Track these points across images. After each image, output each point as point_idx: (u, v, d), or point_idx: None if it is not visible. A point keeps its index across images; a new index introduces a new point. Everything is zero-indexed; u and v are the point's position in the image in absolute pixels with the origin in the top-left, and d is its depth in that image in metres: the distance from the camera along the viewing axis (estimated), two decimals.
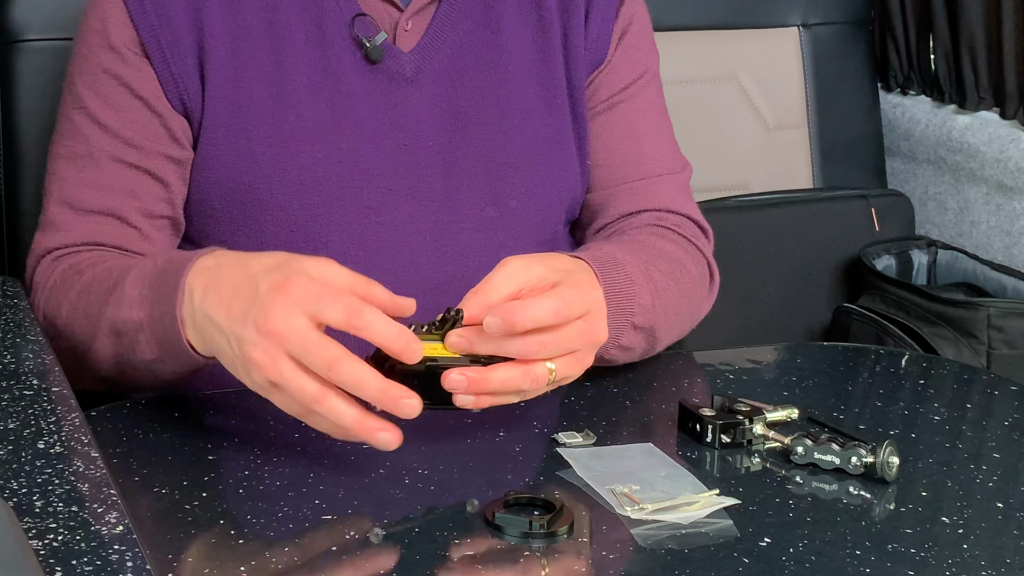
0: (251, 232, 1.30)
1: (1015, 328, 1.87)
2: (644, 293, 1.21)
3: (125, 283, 1.15)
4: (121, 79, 1.29)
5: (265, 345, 0.99)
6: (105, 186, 1.29)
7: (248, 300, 1.01)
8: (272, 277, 1.01)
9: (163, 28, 1.28)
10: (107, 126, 1.29)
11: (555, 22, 1.37)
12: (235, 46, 1.29)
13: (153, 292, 1.12)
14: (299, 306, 0.99)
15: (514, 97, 1.35)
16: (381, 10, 1.33)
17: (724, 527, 0.96)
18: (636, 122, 1.41)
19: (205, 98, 1.28)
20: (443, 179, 1.32)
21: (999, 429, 1.19)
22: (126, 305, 1.14)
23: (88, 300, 1.20)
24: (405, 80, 1.32)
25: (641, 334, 1.23)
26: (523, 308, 1.02)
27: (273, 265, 1.03)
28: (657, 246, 1.31)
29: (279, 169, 1.28)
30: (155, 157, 1.29)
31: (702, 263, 1.37)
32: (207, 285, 1.07)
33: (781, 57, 2.22)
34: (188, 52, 1.28)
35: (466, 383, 1.01)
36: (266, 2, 1.30)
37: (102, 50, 1.29)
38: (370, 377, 0.99)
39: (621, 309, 1.19)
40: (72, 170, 1.30)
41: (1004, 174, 2.04)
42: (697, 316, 1.36)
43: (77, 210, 1.29)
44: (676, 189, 1.41)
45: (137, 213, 1.30)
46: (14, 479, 0.83)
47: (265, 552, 0.92)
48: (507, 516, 0.94)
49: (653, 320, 1.23)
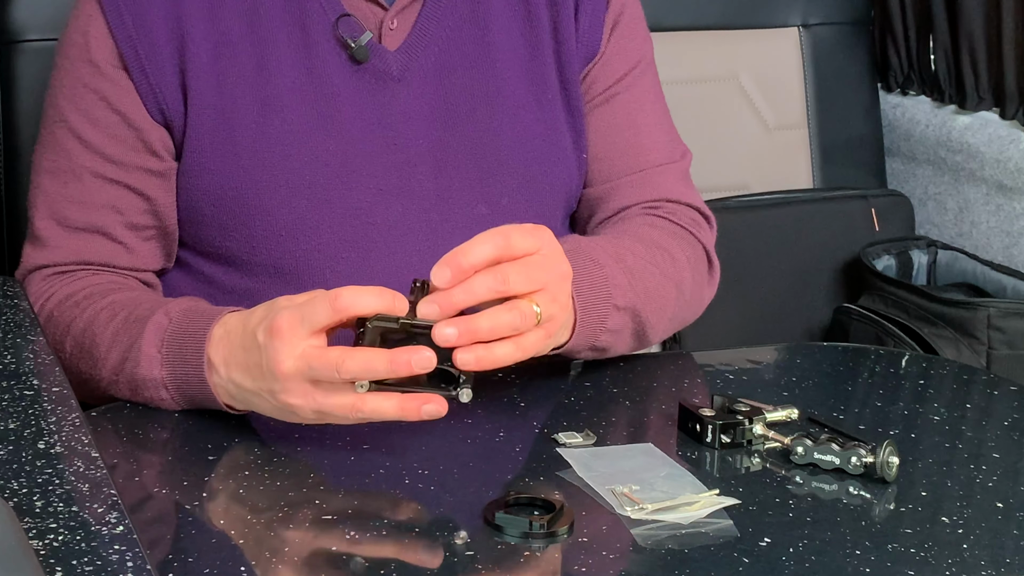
0: (241, 238, 1.29)
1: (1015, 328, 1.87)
2: (617, 273, 1.21)
3: (143, 341, 1.16)
4: (100, 93, 1.29)
5: (290, 386, 1.05)
6: (89, 202, 1.30)
7: (258, 355, 1.06)
8: (263, 324, 1.06)
9: (141, 39, 1.27)
10: (87, 141, 1.29)
11: (543, 16, 1.37)
12: (217, 52, 1.28)
13: (174, 354, 1.14)
14: (292, 336, 1.03)
15: (503, 93, 1.35)
16: (365, 9, 1.32)
17: (724, 527, 0.96)
18: (634, 113, 1.41)
19: (188, 107, 1.28)
20: (433, 178, 1.32)
21: (999, 429, 1.19)
22: (144, 364, 1.15)
23: (94, 342, 1.21)
24: (392, 79, 1.31)
25: (626, 315, 1.22)
26: (464, 246, 1.04)
27: (263, 313, 1.08)
28: (637, 233, 1.31)
29: (266, 174, 1.28)
30: (135, 172, 1.29)
31: (695, 247, 1.36)
32: (226, 357, 1.11)
33: (781, 57, 2.22)
34: (167, 62, 1.28)
35: (456, 333, 1.01)
36: (247, 7, 1.30)
37: (81, 63, 1.29)
38: (375, 357, 1.01)
39: (597, 292, 1.19)
40: (56, 185, 1.31)
41: (1004, 174, 2.04)
42: (697, 303, 1.36)
43: (64, 226, 1.30)
44: (676, 178, 1.41)
45: (122, 227, 1.30)
46: (14, 479, 0.84)
47: (265, 552, 0.92)
48: (507, 516, 0.94)
49: (635, 300, 1.22)
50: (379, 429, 1.05)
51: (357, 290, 1.03)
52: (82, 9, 1.30)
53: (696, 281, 1.34)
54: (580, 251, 1.20)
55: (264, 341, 1.05)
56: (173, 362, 1.14)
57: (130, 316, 1.20)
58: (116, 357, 1.18)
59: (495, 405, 1.16)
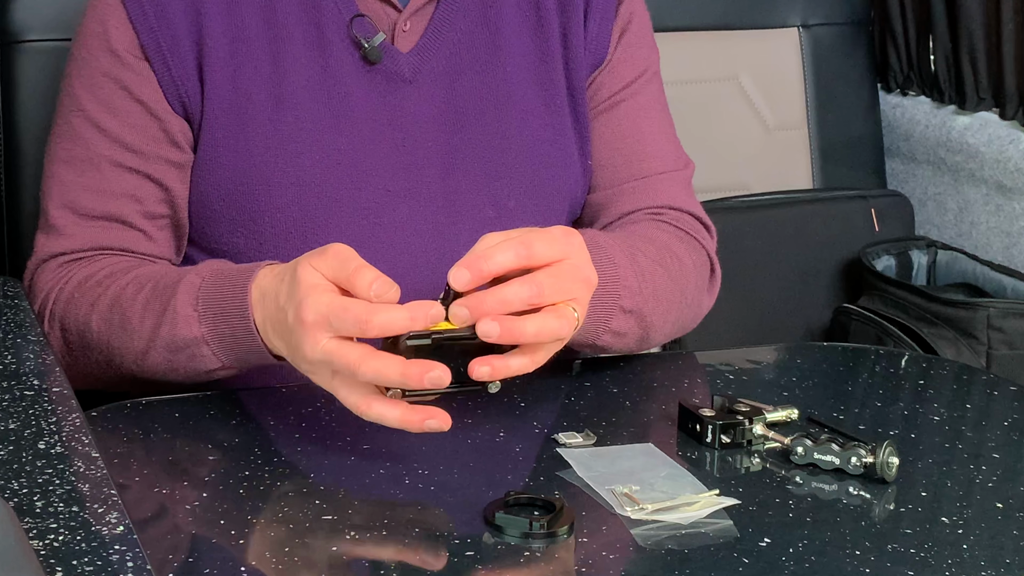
0: (250, 234, 1.30)
1: (1015, 328, 1.87)
2: (629, 275, 1.21)
3: (176, 302, 1.17)
4: (121, 82, 1.29)
5: (314, 369, 1.05)
6: (106, 191, 1.29)
7: (288, 332, 1.06)
8: (292, 305, 1.05)
9: (163, 30, 1.28)
10: (106, 130, 1.29)
11: (554, 22, 1.37)
12: (234, 48, 1.29)
13: (212, 310, 1.15)
14: (317, 329, 1.02)
15: (513, 97, 1.35)
16: (379, 11, 1.33)
17: (724, 527, 0.96)
18: (638, 121, 1.41)
19: (204, 100, 1.28)
20: (442, 180, 1.32)
21: (999, 429, 1.19)
22: (182, 323, 1.17)
23: (124, 315, 1.21)
24: (403, 81, 1.32)
25: (632, 318, 1.22)
26: (487, 252, 1.02)
27: (289, 289, 1.07)
28: (647, 234, 1.31)
29: (277, 171, 1.28)
30: (155, 161, 1.29)
31: (700, 254, 1.37)
32: (264, 318, 1.12)
33: (781, 58, 2.22)
34: (188, 54, 1.28)
35: (499, 329, 0.99)
36: (265, 3, 1.30)
37: (102, 53, 1.29)
38: (391, 364, 1.00)
39: (607, 291, 1.19)
40: (72, 174, 1.30)
41: (1004, 175, 2.04)
42: (696, 309, 1.36)
43: (79, 215, 1.30)
44: (679, 187, 1.41)
45: (140, 216, 1.30)
46: (15, 479, 0.84)
47: (265, 552, 0.92)
48: (507, 516, 0.94)
49: (642, 303, 1.22)
50: (380, 429, 1.05)
51: (389, 317, 1.00)
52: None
53: (698, 287, 1.35)
54: (597, 246, 1.19)
55: (293, 325, 1.05)
56: (213, 318, 1.15)
57: (158, 285, 1.21)
58: (150, 324, 1.18)
59: (495, 405, 1.16)
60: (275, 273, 1.12)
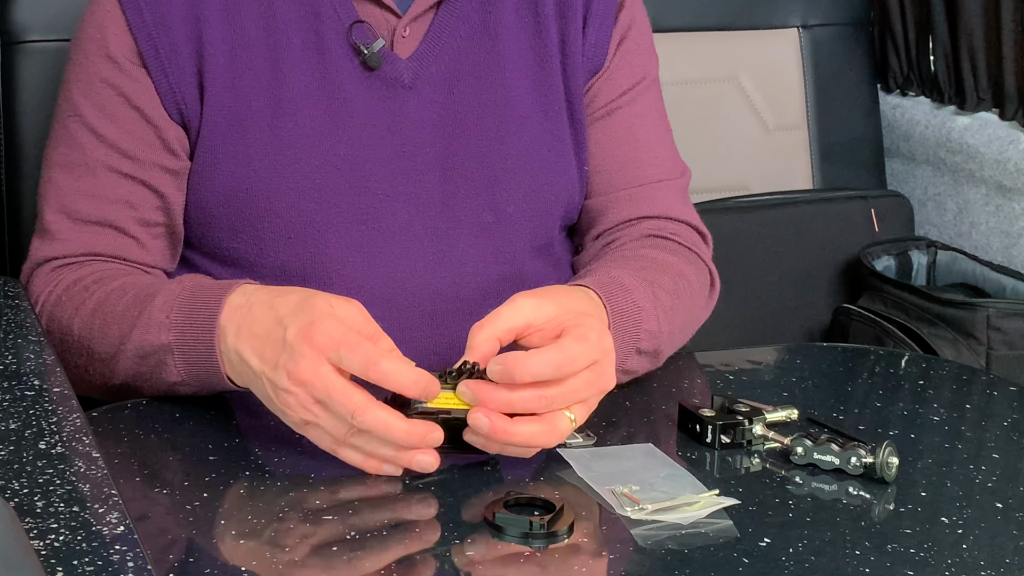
0: (249, 239, 1.29)
1: (1014, 328, 1.87)
2: (651, 319, 1.21)
3: (152, 308, 1.17)
4: (118, 89, 1.29)
5: (296, 392, 1.03)
6: (101, 196, 1.29)
7: (278, 346, 1.05)
8: (298, 322, 1.04)
9: (161, 37, 1.28)
10: (103, 136, 1.29)
11: (552, 28, 1.37)
12: (233, 54, 1.29)
13: (183, 319, 1.14)
14: (323, 353, 1.02)
15: (511, 103, 1.35)
16: (379, 17, 1.33)
17: (724, 527, 0.96)
18: (635, 128, 1.41)
19: (204, 107, 1.28)
20: (441, 185, 1.32)
21: (998, 430, 1.19)
22: (154, 329, 1.16)
23: (105, 320, 1.21)
24: (403, 87, 1.32)
25: (646, 358, 1.23)
26: (524, 361, 1.02)
27: (298, 307, 1.06)
28: (660, 260, 1.30)
29: (277, 177, 1.28)
30: (150, 168, 1.29)
31: (703, 271, 1.36)
32: (240, 326, 1.10)
33: (781, 58, 2.22)
34: (186, 61, 1.28)
35: (488, 425, 1.01)
36: (264, 10, 1.30)
37: (99, 59, 1.29)
38: (395, 420, 1.00)
39: (627, 335, 1.19)
40: (68, 179, 1.30)
41: (1003, 175, 2.04)
42: (698, 324, 1.36)
43: (74, 220, 1.30)
44: (675, 195, 1.41)
45: (134, 223, 1.30)
46: (15, 479, 0.84)
47: (266, 552, 0.92)
48: (507, 516, 0.94)
49: (659, 344, 1.23)
50: None
51: (399, 368, 1.01)
52: (100, 4, 1.30)
53: (703, 306, 1.35)
54: (623, 289, 1.20)
55: (292, 341, 1.03)
56: (182, 327, 1.14)
57: (140, 292, 1.20)
58: (125, 328, 1.18)
59: None
60: (274, 288, 1.12)
